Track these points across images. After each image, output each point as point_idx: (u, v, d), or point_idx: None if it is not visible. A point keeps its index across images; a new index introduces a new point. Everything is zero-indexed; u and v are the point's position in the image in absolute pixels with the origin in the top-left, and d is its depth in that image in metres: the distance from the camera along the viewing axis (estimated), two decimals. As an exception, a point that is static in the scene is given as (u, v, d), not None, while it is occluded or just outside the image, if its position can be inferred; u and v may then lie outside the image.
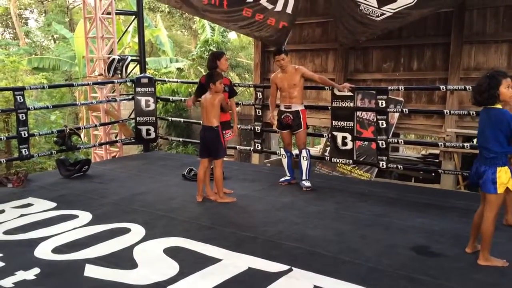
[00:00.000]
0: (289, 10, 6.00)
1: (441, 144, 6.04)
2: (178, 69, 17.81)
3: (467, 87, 5.13)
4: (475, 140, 7.31)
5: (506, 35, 6.77)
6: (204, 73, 6.13)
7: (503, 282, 3.02)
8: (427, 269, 3.20)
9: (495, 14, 6.85)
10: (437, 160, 7.85)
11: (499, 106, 3.12)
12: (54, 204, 4.73)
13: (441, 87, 5.97)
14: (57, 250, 3.55)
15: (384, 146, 5.50)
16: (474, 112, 5.03)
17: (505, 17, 6.77)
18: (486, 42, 6.95)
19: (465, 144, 5.55)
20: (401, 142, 6.88)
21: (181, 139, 8.95)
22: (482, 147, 3.23)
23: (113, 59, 8.11)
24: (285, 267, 3.21)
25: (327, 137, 6.30)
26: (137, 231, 3.94)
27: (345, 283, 2.99)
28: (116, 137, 8.80)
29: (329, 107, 5.87)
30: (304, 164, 5.32)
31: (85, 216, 4.35)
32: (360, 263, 3.31)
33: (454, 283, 3.00)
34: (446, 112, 5.93)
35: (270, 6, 5.95)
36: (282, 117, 5.35)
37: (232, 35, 20.48)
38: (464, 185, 7.33)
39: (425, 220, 4.21)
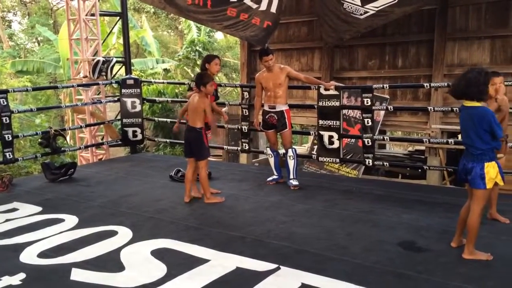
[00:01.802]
0: (273, 9, 6.00)
1: (426, 140, 6.10)
2: (165, 70, 17.71)
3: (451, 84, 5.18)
4: (459, 136, 7.41)
5: (489, 31, 6.87)
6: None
7: (488, 275, 3.07)
8: (413, 264, 3.24)
9: (477, 10, 6.95)
10: (423, 156, 7.93)
11: (479, 104, 3.16)
12: (39, 208, 4.68)
13: (425, 84, 6.03)
14: (43, 254, 3.51)
15: (370, 144, 5.53)
16: (457, 109, 5.06)
17: (487, 13, 6.87)
18: (469, 39, 7.04)
19: (449, 140, 5.62)
20: (387, 139, 6.94)
21: (168, 140, 8.91)
22: (468, 145, 3.25)
23: (98, 61, 8.04)
24: (273, 266, 3.21)
25: (314, 135, 6.32)
26: (124, 233, 3.91)
27: (332, 280, 3.01)
28: (102, 139, 8.72)
29: (316, 106, 5.89)
30: (291, 163, 5.33)
31: (71, 219, 4.31)
32: (348, 259, 3.33)
33: (440, 277, 3.04)
34: (430, 109, 5.99)
35: (254, 6, 5.94)
36: (266, 117, 5.35)
37: (219, 35, 20.45)
38: (449, 180, 7.42)
39: (412, 216, 4.25)
